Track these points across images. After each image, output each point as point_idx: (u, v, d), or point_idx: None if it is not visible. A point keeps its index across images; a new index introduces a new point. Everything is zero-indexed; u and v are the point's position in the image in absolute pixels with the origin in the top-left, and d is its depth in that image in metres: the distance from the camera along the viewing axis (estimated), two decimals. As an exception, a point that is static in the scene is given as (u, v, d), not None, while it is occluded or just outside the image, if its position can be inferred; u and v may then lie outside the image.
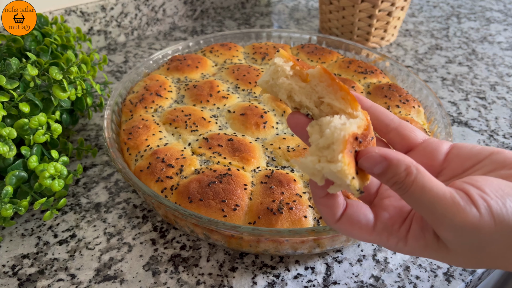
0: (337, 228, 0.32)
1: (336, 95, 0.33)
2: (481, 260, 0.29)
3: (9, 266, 0.48)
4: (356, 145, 0.30)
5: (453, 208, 0.26)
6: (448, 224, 0.26)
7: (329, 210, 0.32)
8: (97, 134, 0.70)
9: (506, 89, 0.83)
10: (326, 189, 0.31)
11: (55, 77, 0.53)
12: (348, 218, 0.32)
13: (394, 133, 0.34)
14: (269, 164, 0.54)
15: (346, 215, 0.32)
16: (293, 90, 0.34)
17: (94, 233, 0.52)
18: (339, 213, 0.32)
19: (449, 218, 0.26)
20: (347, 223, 0.32)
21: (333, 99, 0.33)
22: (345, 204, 0.32)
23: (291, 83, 0.34)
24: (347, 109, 0.32)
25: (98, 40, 0.97)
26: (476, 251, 0.28)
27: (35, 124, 0.51)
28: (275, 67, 0.34)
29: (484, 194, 0.26)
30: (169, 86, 0.68)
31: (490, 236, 0.26)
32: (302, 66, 0.34)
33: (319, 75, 0.33)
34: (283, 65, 0.34)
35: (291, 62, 0.34)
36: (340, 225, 0.32)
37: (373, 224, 0.31)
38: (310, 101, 0.34)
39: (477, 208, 0.26)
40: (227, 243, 0.47)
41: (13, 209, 0.48)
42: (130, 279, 0.47)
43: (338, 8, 0.95)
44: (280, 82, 0.34)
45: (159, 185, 0.50)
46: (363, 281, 0.47)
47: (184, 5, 1.08)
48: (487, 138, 0.70)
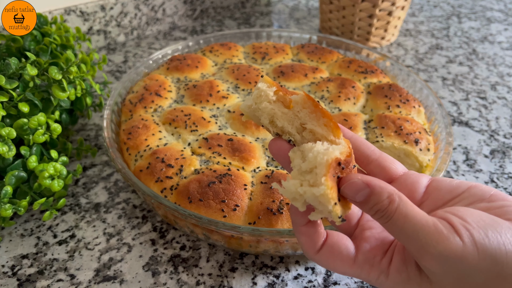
0: (317, 259, 0.32)
1: (319, 121, 0.32)
2: None
3: (8, 267, 0.48)
4: (339, 170, 0.30)
5: (436, 236, 0.26)
6: (432, 252, 0.26)
7: (309, 239, 0.31)
8: (96, 134, 0.70)
9: (506, 89, 0.83)
10: (307, 215, 0.31)
11: (54, 77, 0.53)
12: (329, 249, 0.31)
13: (375, 164, 0.34)
14: (269, 164, 0.54)
15: (327, 245, 0.31)
16: (276, 115, 0.34)
17: (93, 233, 0.52)
18: (320, 243, 0.31)
19: (432, 246, 0.26)
20: (328, 254, 0.31)
21: (316, 126, 0.32)
22: (326, 234, 0.32)
23: (274, 108, 0.34)
24: (329, 136, 0.32)
25: (97, 40, 0.97)
26: (459, 282, 0.27)
27: (34, 124, 0.50)
28: (258, 92, 0.34)
29: (467, 223, 0.26)
30: (168, 86, 0.67)
31: (474, 266, 0.26)
32: (285, 92, 0.34)
33: (302, 101, 0.33)
34: (266, 90, 0.34)
35: (275, 87, 0.34)
36: (320, 256, 0.31)
37: (354, 256, 0.31)
38: (292, 127, 0.34)
39: (460, 237, 0.26)
40: (227, 243, 0.47)
41: (12, 209, 0.48)
42: (129, 279, 0.47)
43: (339, 7, 0.95)
44: (262, 106, 0.34)
45: (159, 185, 0.50)
46: (364, 282, 0.46)
47: (184, 5, 1.08)
48: (487, 138, 0.70)
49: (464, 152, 0.67)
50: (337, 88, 0.66)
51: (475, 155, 0.66)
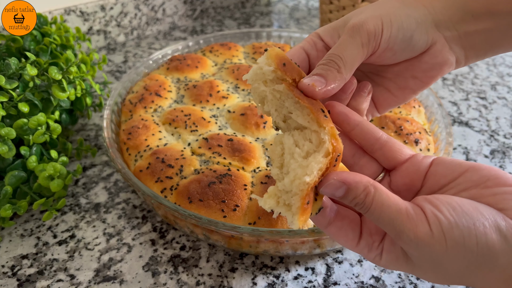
0: (327, 232, 0.34)
1: (303, 111, 0.32)
2: (446, 277, 0.30)
3: (8, 267, 0.48)
4: (314, 189, 0.31)
5: (407, 223, 0.28)
6: (405, 238, 0.28)
7: (316, 217, 0.34)
8: (96, 135, 0.70)
9: (506, 89, 0.83)
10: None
11: (54, 77, 0.53)
12: (337, 229, 0.34)
13: (381, 152, 0.35)
14: (269, 164, 0.54)
15: (335, 226, 0.34)
16: (266, 98, 0.33)
17: (93, 233, 0.52)
18: (327, 221, 0.34)
19: (405, 233, 0.28)
20: (335, 233, 0.34)
21: (299, 116, 0.32)
22: (335, 210, 0.34)
23: (265, 91, 0.33)
24: (313, 127, 0.31)
25: (97, 40, 0.97)
26: (436, 267, 0.29)
27: (34, 124, 0.50)
28: (256, 69, 0.33)
29: (438, 212, 0.28)
30: (168, 86, 0.67)
31: (443, 254, 0.27)
32: (284, 72, 0.32)
33: (285, 92, 0.32)
34: (263, 68, 0.32)
35: (273, 66, 0.32)
36: (329, 230, 0.34)
37: (357, 240, 0.33)
38: (279, 114, 0.34)
39: (429, 225, 0.27)
40: (227, 243, 0.47)
41: (12, 209, 0.48)
42: (129, 279, 0.47)
43: (339, 7, 0.95)
44: (255, 86, 0.33)
45: (159, 185, 0.50)
46: (364, 282, 0.46)
47: (184, 5, 1.08)
48: (487, 138, 0.70)
49: (464, 152, 0.67)
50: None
51: (475, 155, 0.66)
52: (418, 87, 0.39)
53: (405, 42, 0.35)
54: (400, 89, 0.39)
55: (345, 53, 0.33)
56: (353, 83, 0.37)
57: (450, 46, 0.37)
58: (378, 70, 0.40)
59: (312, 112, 0.31)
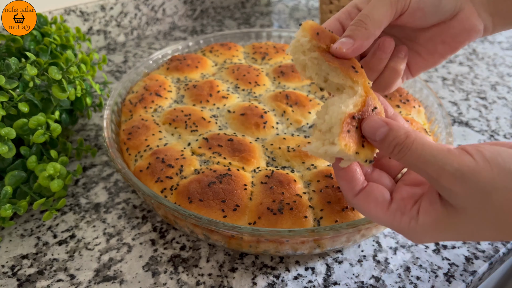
0: (355, 203, 0.35)
1: (337, 71, 0.37)
2: (496, 220, 0.29)
3: (8, 267, 0.48)
4: (356, 122, 0.34)
5: (451, 157, 0.29)
6: (449, 170, 0.29)
7: (348, 184, 0.35)
8: (96, 135, 0.70)
9: (506, 89, 0.83)
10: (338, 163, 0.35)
11: (54, 77, 0.53)
12: (366, 194, 0.35)
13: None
14: (269, 164, 0.54)
15: (365, 191, 0.35)
16: (306, 66, 0.39)
17: (93, 233, 0.52)
18: (357, 188, 0.35)
19: (449, 164, 0.29)
20: (364, 199, 0.35)
21: (334, 76, 0.37)
22: (366, 183, 0.36)
23: (305, 59, 0.38)
24: (348, 83, 0.36)
25: (97, 40, 0.97)
26: (482, 205, 0.29)
27: (34, 124, 0.50)
28: (295, 41, 0.38)
29: (479, 147, 0.29)
30: (168, 86, 0.67)
31: (491, 182, 0.28)
32: (318, 40, 0.37)
33: (319, 57, 0.37)
34: (301, 40, 0.38)
35: (308, 36, 0.37)
36: (357, 200, 0.35)
37: (388, 203, 0.34)
38: (319, 77, 0.39)
39: (471, 155, 0.29)
40: (227, 243, 0.47)
41: (12, 209, 0.48)
42: (129, 279, 0.47)
43: (339, 8, 0.95)
44: (295, 57, 0.39)
45: (159, 185, 0.50)
46: (364, 282, 0.46)
47: (184, 5, 1.08)
48: (487, 138, 0.70)
49: (464, 152, 0.67)
50: (337, 88, 0.66)
51: (475, 155, 0.66)
52: (447, 52, 0.42)
53: (434, 5, 0.38)
54: (430, 53, 0.43)
55: (373, 11, 0.37)
56: (392, 43, 0.40)
57: (478, 12, 0.39)
58: (410, 36, 0.43)
59: (342, 71, 0.36)
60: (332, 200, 0.46)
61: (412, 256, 0.49)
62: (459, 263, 0.48)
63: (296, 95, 0.64)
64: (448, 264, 0.48)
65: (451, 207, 0.30)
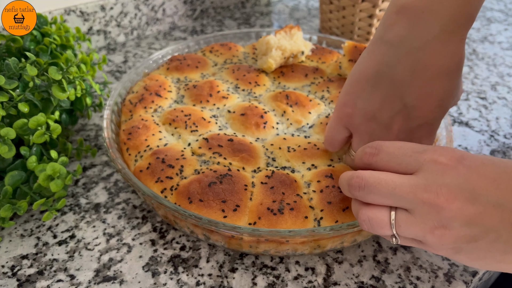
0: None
1: None
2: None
3: (8, 267, 0.48)
4: None
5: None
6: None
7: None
8: (96, 135, 0.70)
9: (507, 89, 0.83)
10: None
11: (54, 77, 0.53)
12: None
13: None
14: (269, 164, 0.54)
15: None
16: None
17: (93, 233, 0.52)
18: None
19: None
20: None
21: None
22: None
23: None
24: None
25: (97, 40, 0.97)
26: None
27: (34, 125, 0.50)
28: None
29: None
30: (168, 86, 0.67)
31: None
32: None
33: None
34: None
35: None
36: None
37: None
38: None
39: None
40: (227, 243, 0.47)
41: (12, 209, 0.48)
42: (129, 279, 0.47)
43: (339, 7, 0.95)
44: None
45: (159, 185, 0.50)
46: (364, 282, 0.46)
47: (184, 5, 1.08)
48: (488, 138, 0.70)
49: (464, 152, 0.67)
50: (338, 88, 0.66)
51: (475, 155, 0.66)
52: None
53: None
54: None
55: None
56: None
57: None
58: None
59: None
60: (332, 200, 0.46)
61: (412, 256, 0.49)
62: (459, 263, 0.48)
63: (296, 95, 0.64)
64: (448, 264, 0.48)
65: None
